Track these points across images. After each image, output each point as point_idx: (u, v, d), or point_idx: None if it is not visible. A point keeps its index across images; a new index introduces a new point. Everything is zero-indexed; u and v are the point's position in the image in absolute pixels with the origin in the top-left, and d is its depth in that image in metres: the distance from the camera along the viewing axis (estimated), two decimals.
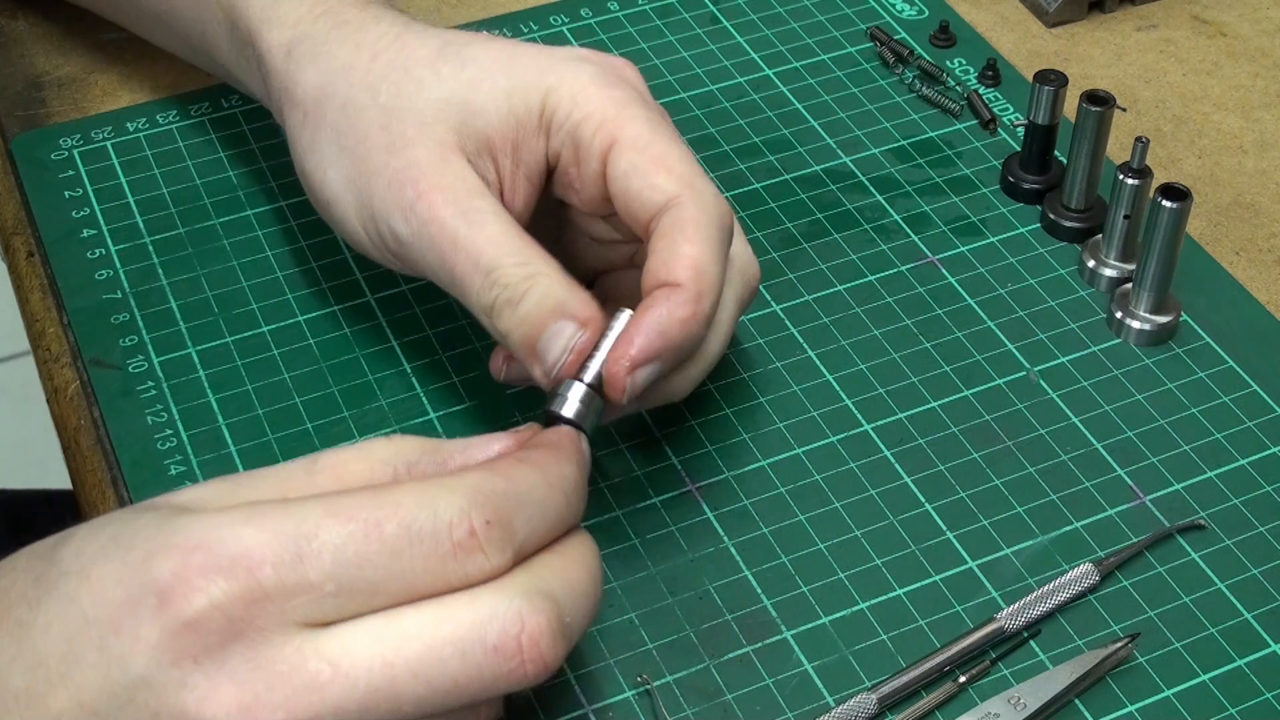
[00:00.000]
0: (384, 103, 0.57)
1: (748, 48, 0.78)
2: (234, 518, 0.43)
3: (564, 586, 0.46)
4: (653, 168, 0.54)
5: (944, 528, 0.58)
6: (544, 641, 0.44)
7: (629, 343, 0.52)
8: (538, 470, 0.47)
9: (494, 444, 0.49)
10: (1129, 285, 0.65)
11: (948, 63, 0.77)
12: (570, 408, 0.52)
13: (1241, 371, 0.63)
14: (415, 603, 0.44)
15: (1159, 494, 0.59)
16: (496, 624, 0.44)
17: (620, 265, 0.60)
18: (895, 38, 0.78)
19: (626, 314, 0.53)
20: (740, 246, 0.58)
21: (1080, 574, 0.56)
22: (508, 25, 0.79)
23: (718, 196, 0.55)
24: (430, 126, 0.56)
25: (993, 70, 0.76)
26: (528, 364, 0.54)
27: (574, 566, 0.47)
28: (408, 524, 0.44)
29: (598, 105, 0.56)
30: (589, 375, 0.52)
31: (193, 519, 0.43)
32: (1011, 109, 0.74)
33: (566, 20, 0.79)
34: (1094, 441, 0.61)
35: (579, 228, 0.60)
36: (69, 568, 0.44)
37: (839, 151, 0.73)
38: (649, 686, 0.53)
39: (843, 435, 0.61)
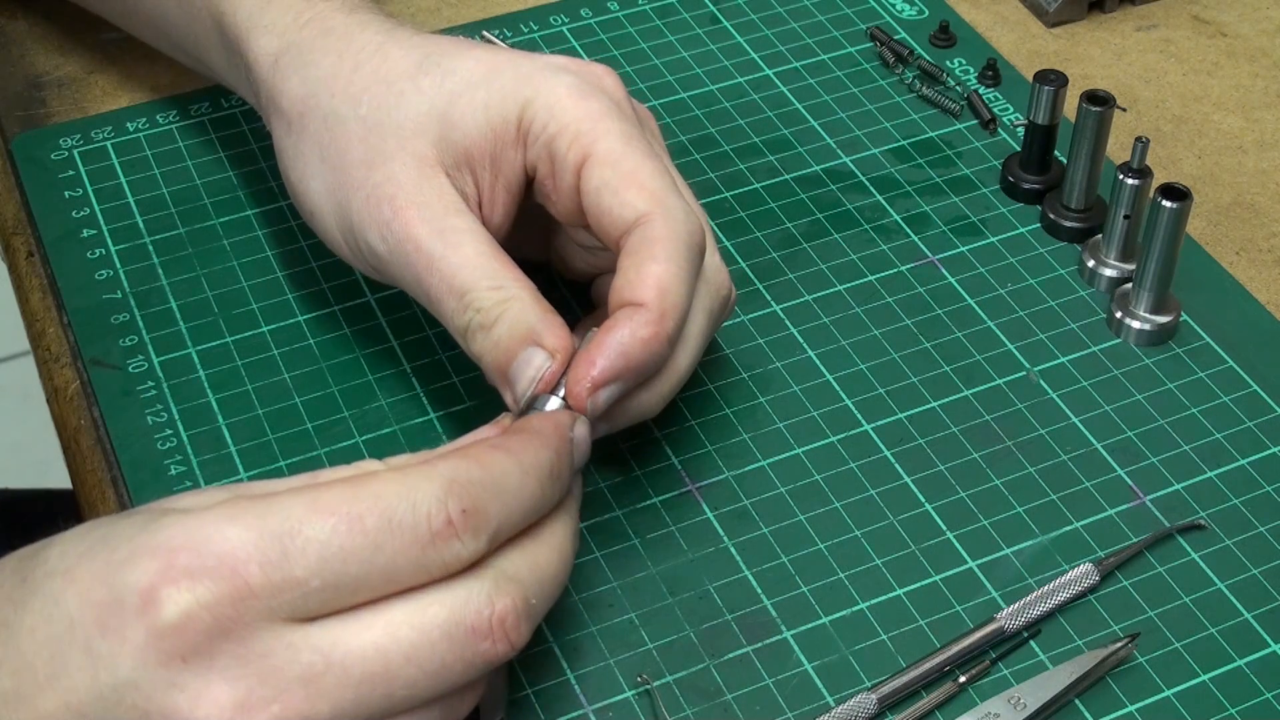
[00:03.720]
0: (364, 115, 0.57)
1: (748, 48, 0.78)
2: (217, 516, 0.43)
3: (531, 570, 0.47)
4: (624, 184, 0.54)
5: (944, 528, 0.58)
6: (509, 621, 0.45)
7: (591, 363, 0.52)
8: (512, 457, 0.47)
9: (482, 435, 0.51)
10: (1129, 285, 0.65)
11: (948, 63, 0.77)
12: None
13: (1241, 371, 0.63)
14: (399, 594, 0.44)
15: (1159, 494, 0.59)
16: (472, 606, 0.45)
17: (612, 269, 0.60)
18: (895, 38, 0.78)
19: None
20: (712, 260, 0.57)
21: (1080, 574, 0.56)
22: (508, 25, 0.78)
23: (689, 214, 0.55)
24: (409, 141, 0.56)
25: (993, 70, 0.76)
26: (500, 389, 0.54)
27: (543, 549, 0.47)
28: (388, 516, 0.44)
29: (573, 118, 0.55)
30: (561, 392, 0.53)
31: (176, 519, 0.43)
32: (1011, 109, 0.74)
33: (566, 20, 0.79)
34: (1094, 441, 0.61)
35: (568, 234, 0.60)
36: (54, 568, 0.43)
37: (839, 151, 0.73)
38: (649, 686, 0.53)
39: (843, 435, 0.61)
